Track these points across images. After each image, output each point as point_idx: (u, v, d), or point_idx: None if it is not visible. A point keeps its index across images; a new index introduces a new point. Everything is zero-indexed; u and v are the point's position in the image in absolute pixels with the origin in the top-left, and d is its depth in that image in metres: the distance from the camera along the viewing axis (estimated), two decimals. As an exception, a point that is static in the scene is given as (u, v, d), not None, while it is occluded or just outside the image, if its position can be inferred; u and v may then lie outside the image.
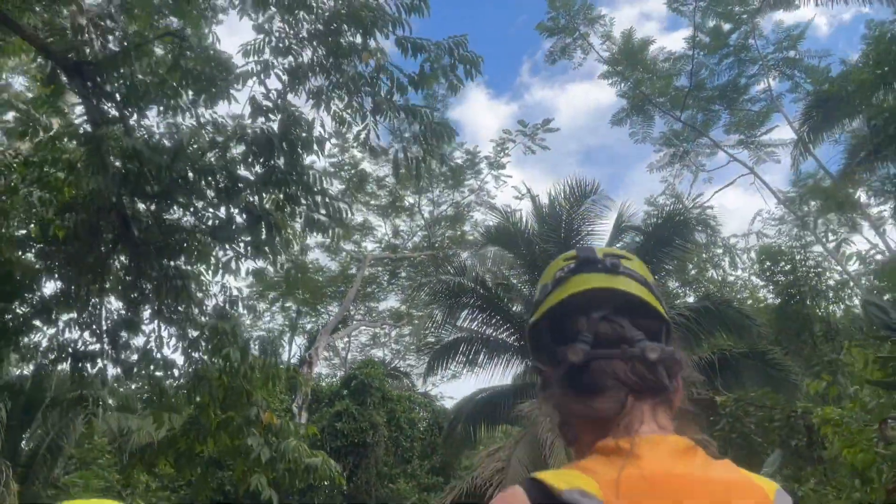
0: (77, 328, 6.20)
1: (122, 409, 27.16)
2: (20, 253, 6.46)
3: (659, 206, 14.27)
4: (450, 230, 28.30)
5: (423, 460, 21.28)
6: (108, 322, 6.08)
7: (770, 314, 19.16)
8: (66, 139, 6.06)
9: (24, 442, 20.82)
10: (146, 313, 6.09)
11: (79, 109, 6.31)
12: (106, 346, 6.09)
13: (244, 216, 5.16)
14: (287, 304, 32.82)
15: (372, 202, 27.32)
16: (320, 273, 31.22)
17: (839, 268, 20.44)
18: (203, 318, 6.02)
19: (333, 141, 26.40)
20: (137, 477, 17.33)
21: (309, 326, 32.15)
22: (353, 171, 26.09)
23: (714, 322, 14.16)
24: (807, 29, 20.93)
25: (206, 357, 6.13)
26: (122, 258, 5.99)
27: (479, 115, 51.76)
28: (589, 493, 1.00)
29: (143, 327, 6.04)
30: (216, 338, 5.84)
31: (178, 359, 6.24)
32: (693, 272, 23.48)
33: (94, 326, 5.99)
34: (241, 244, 5.40)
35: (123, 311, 6.14)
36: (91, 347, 6.13)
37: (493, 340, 15.14)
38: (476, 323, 15.54)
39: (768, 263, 22.52)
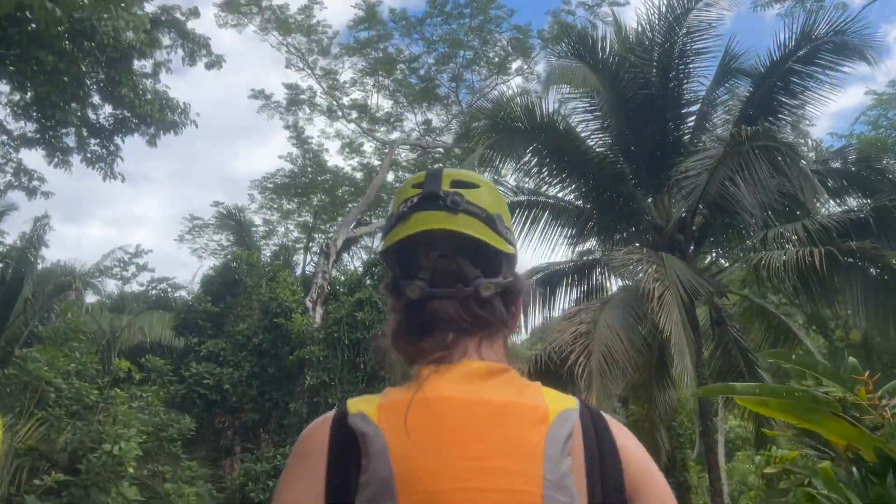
0: None
1: (115, 309, 24.92)
2: None
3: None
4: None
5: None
6: None
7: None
8: None
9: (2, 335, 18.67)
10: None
11: None
12: None
13: None
14: (303, 217, 30.12)
15: (401, 89, 23.87)
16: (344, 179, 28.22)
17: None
18: None
19: (359, 13, 22.92)
20: (119, 365, 14.68)
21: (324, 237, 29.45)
22: (381, 48, 22.66)
23: (853, 181, 10.95)
24: None
25: None
26: None
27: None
28: (367, 416, 1.07)
29: None
30: None
31: None
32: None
33: None
34: None
35: None
36: None
37: (555, 204, 11.96)
38: (535, 180, 12.37)
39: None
